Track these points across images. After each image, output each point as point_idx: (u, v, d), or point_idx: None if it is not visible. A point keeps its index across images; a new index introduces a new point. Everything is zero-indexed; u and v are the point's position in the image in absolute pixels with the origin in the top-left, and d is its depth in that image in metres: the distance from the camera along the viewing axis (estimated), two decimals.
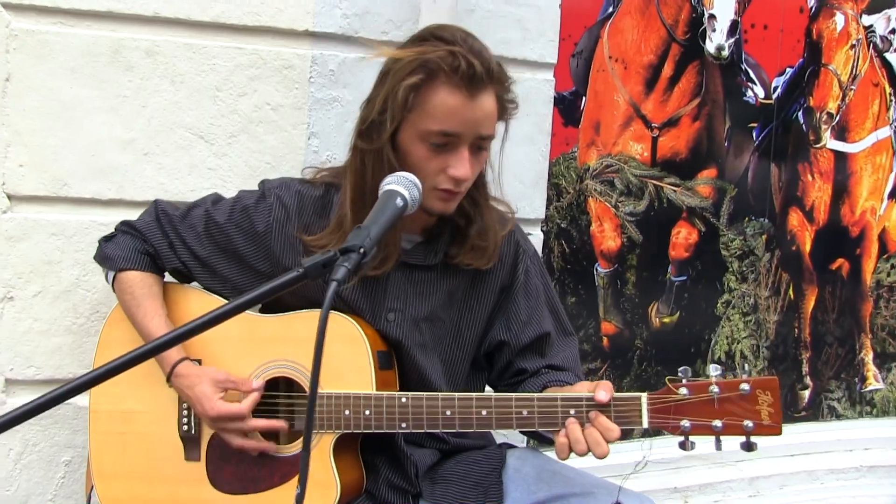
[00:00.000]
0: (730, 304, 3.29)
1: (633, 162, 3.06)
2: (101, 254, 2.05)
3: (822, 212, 3.42)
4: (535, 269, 2.07)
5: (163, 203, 2.06)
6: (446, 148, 1.77)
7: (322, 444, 1.85)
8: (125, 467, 1.98)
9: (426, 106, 1.75)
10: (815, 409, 3.52)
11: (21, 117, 2.22)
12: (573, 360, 2.07)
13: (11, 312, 2.26)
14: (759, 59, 3.21)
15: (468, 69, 1.71)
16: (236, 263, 1.98)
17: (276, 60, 2.37)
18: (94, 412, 2.01)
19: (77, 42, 2.24)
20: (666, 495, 3.08)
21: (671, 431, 1.73)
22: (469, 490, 1.95)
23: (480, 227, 1.92)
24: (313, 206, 1.95)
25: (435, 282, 1.96)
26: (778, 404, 1.72)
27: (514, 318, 2.01)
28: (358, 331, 1.86)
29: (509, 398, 1.78)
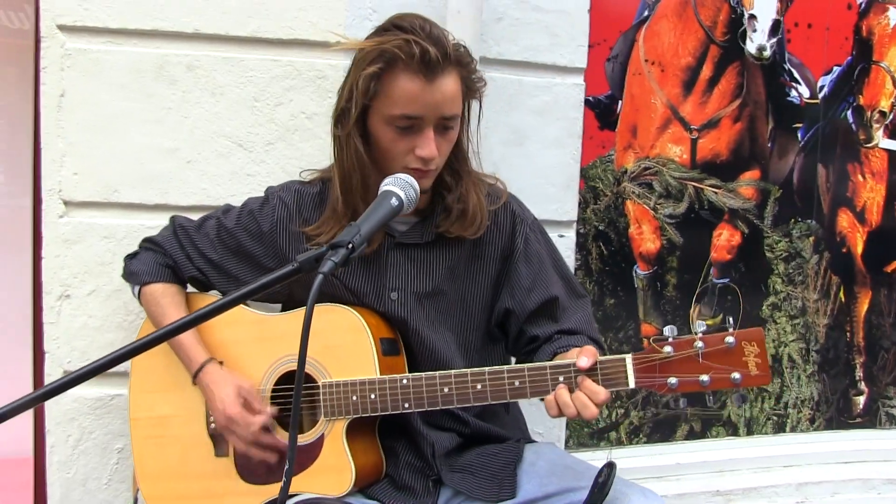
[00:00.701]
0: (776, 307, 3.24)
1: (672, 164, 3.04)
2: (127, 270, 2.21)
3: (874, 213, 3.31)
4: (535, 236, 2.14)
5: (179, 218, 2.23)
6: (412, 130, 1.89)
7: (335, 430, 1.95)
8: (164, 467, 2.12)
9: (388, 92, 1.87)
10: (871, 415, 3.40)
11: (75, 129, 2.39)
12: (586, 322, 2.13)
13: (68, 309, 2.43)
14: (803, 59, 3.15)
15: (423, 55, 1.82)
16: (248, 263, 2.11)
17: (310, 71, 2.48)
18: (133, 420, 2.17)
19: (125, 59, 2.40)
20: (707, 498, 3.03)
21: (658, 390, 1.75)
22: (485, 481, 2.02)
23: (460, 193, 2.02)
24: (311, 202, 2.10)
25: (434, 258, 2.06)
26: (765, 354, 1.72)
27: (517, 286, 2.09)
28: (360, 320, 1.96)
29: (501, 371, 1.86)
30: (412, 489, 2.01)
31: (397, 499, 1.99)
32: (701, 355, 1.71)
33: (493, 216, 2.09)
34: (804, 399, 3.31)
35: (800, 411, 3.31)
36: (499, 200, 2.10)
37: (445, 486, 2.03)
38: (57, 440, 2.46)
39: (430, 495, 2.00)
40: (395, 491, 2.01)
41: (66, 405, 2.45)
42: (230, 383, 2.01)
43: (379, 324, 2.02)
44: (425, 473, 2.03)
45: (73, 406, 2.45)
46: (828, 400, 3.35)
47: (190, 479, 2.09)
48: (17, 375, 2.74)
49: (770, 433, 3.27)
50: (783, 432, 3.29)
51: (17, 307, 2.82)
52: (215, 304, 1.49)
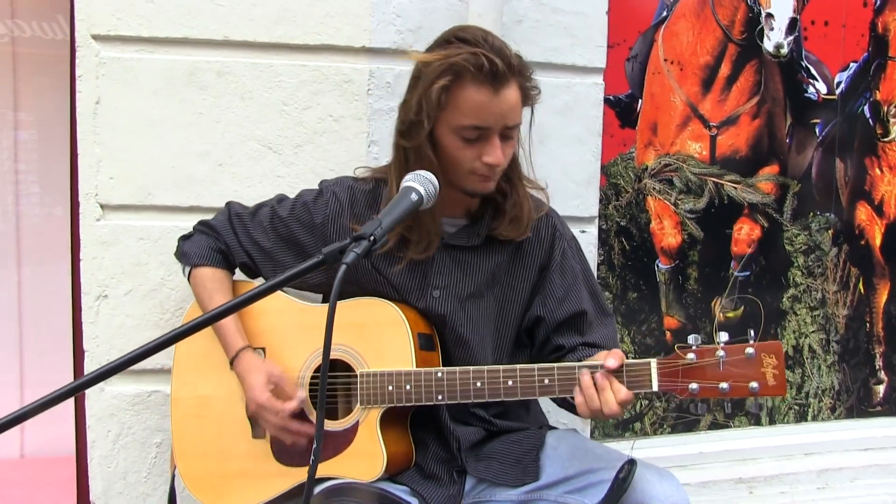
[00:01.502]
0: (796, 299, 3.28)
1: (692, 160, 3.09)
2: (180, 250, 2.27)
3: (892, 206, 3.35)
4: (572, 252, 2.21)
5: (234, 204, 2.29)
6: (478, 139, 1.96)
7: (370, 418, 2.02)
8: (202, 447, 2.18)
9: (456, 104, 1.93)
10: (890, 404, 3.44)
11: (110, 135, 2.47)
12: (610, 338, 2.19)
13: (106, 309, 2.51)
14: (820, 56, 3.19)
15: (491, 67, 1.89)
16: (297, 253, 2.18)
17: (337, 75, 2.54)
18: (175, 399, 2.23)
19: (157, 66, 2.47)
20: (730, 486, 3.09)
21: (680, 394, 1.82)
22: (510, 467, 2.09)
23: (515, 200, 2.10)
24: (364, 199, 2.16)
25: (478, 261, 2.13)
26: (782, 367, 1.77)
27: (550, 296, 2.16)
28: (399, 314, 2.04)
29: (532, 368, 1.93)
30: (438, 478, 2.08)
31: (424, 486, 2.06)
32: (722, 364, 1.78)
33: (534, 227, 2.15)
34: (825, 388, 3.36)
35: (821, 400, 3.36)
36: (541, 210, 2.18)
37: (469, 475, 2.11)
38: (98, 436, 2.54)
39: (456, 484, 2.08)
40: (422, 479, 2.07)
41: (106, 402, 2.53)
42: (261, 370, 2.07)
43: (417, 319, 2.09)
44: (451, 464, 2.10)
45: (112, 402, 2.53)
46: (848, 389, 3.39)
47: (226, 458, 2.15)
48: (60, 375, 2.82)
49: (792, 422, 3.32)
50: (805, 421, 3.34)
51: (56, 309, 2.90)
52: (250, 292, 1.55)
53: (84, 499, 2.61)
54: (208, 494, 2.16)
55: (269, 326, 2.16)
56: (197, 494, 2.17)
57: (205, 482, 2.17)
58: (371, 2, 2.53)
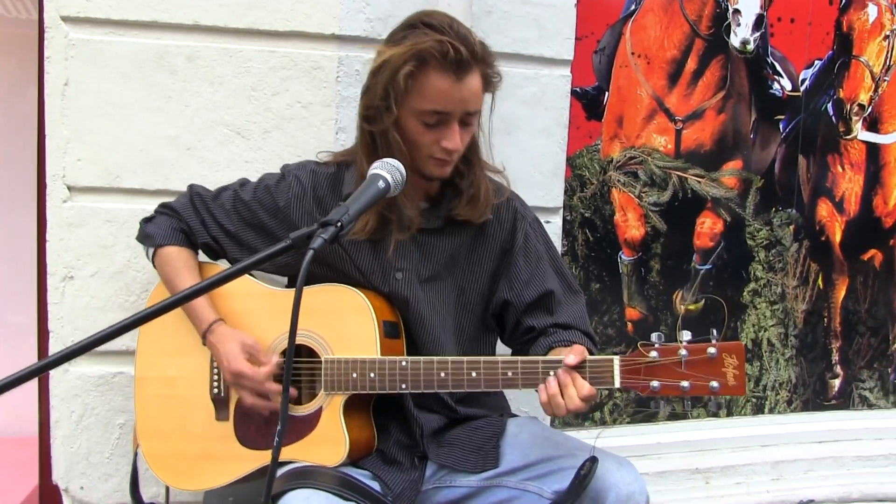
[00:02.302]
0: (756, 293, 3.34)
1: (657, 154, 3.13)
2: (143, 233, 2.27)
3: (852, 203, 3.41)
4: (535, 233, 2.25)
5: (196, 187, 2.30)
6: (438, 124, 2.00)
7: (333, 404, 2.04)
8: (166, 427, 2.20)
9: (420, 89, 1.97)
10: (845, 398, 3.51)
11: (78, 117, 2.47)
12: (580, 316, 2.23)
13: (72, 290, 2.51)
14: (785, 52, 3.23)
15: (455, 55, 1.93)
16: (261, 235, 2.19)
17: (306, 62, 2.55)
18: (139, 379, 2.24)
19: (126, 49, 2.47)
20: (687, 476, 3.14)
21: (641, 391, 1.86)
22: (470, 453, 2.12)
23: (472, 180, 2.13)
24: (327, 182, 2.18)
25: (437, 243, 2.17)
26: (743, 367, 1.81)
27: (516, 279, 2.20)
28: (365, 302, 2.06)
29: (496, 361, 1.96)
30: (400, 463, 2.11)
31: (386, 471, 2.08)
32: (684, 363, 1.82)
33: (496, 211, 2.19)
34: (782, 382, 3.42)
35: (778, 393, 3.42)
36: (502, 195, 2.21)
37: (431, 461, 2.13)
38: (61, 416, 2.55)
39: (417, 469, 2.10)
40: (384, 464, 2.10)
41: (70, 382, 2.54)
42: (234, 339, 2.09)
43: (383, 306, 2.11)
44: (413, 450, 2.13)
45: (76, 383, 2.55)
46: (805, 382, 3.46)
47: (190, 439, 2.17)
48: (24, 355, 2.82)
49: (749, 414, 3.38)
50: (761, 413, 3.41)
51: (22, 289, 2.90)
52: (220, 274, 1.57)
53: (46, 479, 2.62)
54: (171, 474, 2.18)
55: (235, 309, 2.17)
56: (159, 473, 2.19)
57: (168, 462, 2.19)
58: None
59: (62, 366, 2.46)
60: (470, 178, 2.13)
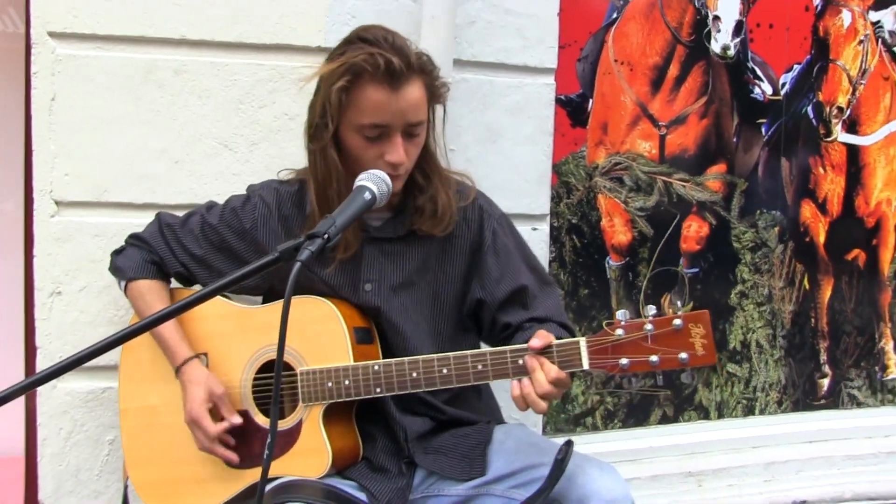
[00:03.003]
0: (744, 295, 3.36)
1: (642, 159, 3.16)
2: (114, 266, 2.30)
3: (835, 203, 3.44)
4: (503, 229, 2.25)
5: (164, 215, 2.31)
6: (380, 138, 2.00)
7: (313, 415, 2.05)
8: (153, 454, 2.21)
9: (356, 103, 1.97)
10: (834, 397, 3.53)
11: (66, 132, 2.47)
12: (555, 308, 2.24)
13: (60, 305, 2.51)
14: (765, 57, 3.27)
15: (387, 66, 1.92)
16: (230, 258, 2.21)
17: (292, 74, 2.56)
18: (123, 410, 2.26)
19: (113, 64, 2.48)
20: (680, 479, 3.15)
21: (611, 370, 1.85)
22: (457, 461, 2.12)
23: (431, 195, 2.13)
24: (290, 200, 2.20)
25: (406, 251, 2.17)
26: (710, 335, 1.80)
27: (487, 277, 2.20)
28: (333, 310, 2.06)
29: (465, 355, 1.96)
30: (387, 471, 2.10)
31: (374, 479, 2.08)
32: (650, 338, 1.81)
33: (462, 212, 2.19)
34: (772, 383, 3.44)
35: (768, 394, 3.44)
36: (468, 198, 2.20)
37: (420, 467, 2.13)
38: (49, 433, 2.53)
39: (405, 476, 2.10)
40: (371, 472, 2.10)
41: (58, 399, 2.53)
42: (202, 386, 2.10)
43: (353, 313, 2.11)
44: (399, 456, 2.13)
45: (65, 399, 2.53)
46: (794, 383, 3.48)
47: (177, 464, 2.17)
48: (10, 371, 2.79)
49: (739, 416, 3.40)
50: (752, 415, 3.42)
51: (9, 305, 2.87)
52: (196, 294, 1.59)
53: (33, 499, 2.58)
54: (161, 501, 2.19)
55: (211, 331, 2.19)
56: (150, 502, 2.19)
57: (157, 490, 2.20)
58: (326, 3, 2.57)
59: (49, 382, 2.44)
60: (429, 193, 2.13)
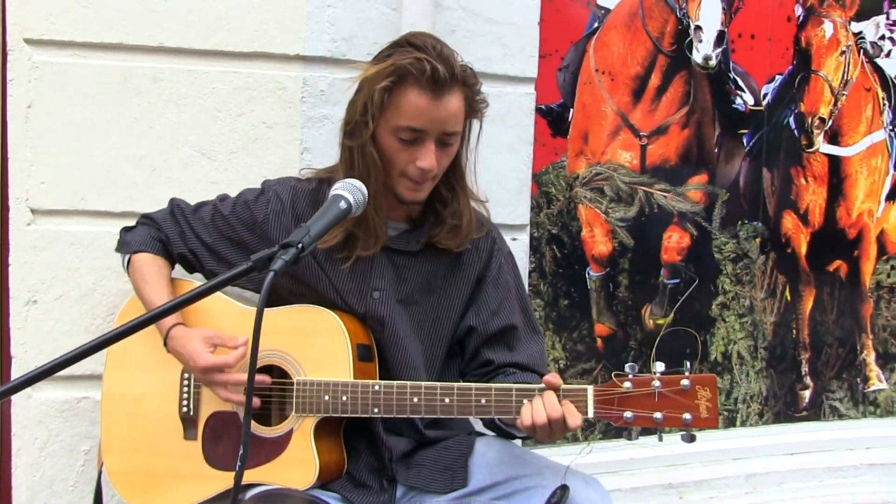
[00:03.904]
0: (725, 306, 3.36)
1: (623, 169, 3.16)
2: (121, 241, 2.29)
3: (817, 215, 3.45)
4: (508, 266, 2.26)
5: (178, 200, 2.31)
6: (415, 142, 2.00)
7: (304, 427, 2.03)
8: (131, 443, 2.17)
9: (397, 105, 1.98)
10: (816, 409, 3.53)
11: (42, 139, 2.46)
12: (539, 358, 2.23)
13: (36, 314, 2.49)
14: (747, 68, 3.28)
15: (433, 73, 1.93)
16: (239, 249, 2.19)
17: (271, 83, 2.56)
18: (106, 395, 2.22)
19: (90, 71, 2.47)
20: (661, 491, 3.15)
21: (614, 422, 1.87)
22: (439, 473, 2.11)
23: (455, 209, 2.13)
24: (306, 199, 2.18)
25: (414, 267, 2.17)
26: (715, 399, 1.85)
27: (484, 307, 2.20)
28: (339, 324, 2.05)
29: (470, 388, 1.95)
30: (369, 486, 2.10)
31: (355, 494, 2.07)
32: (657, 394, 1.84)
33: (475, 242, 2.20)
34: (753, 394, 3.44)
35: (749, 406, 3.44)
36: (482, 228, 2.21)
37: (400, 483, 2.12)
38: (24, 443, 2.51)
39: (386, 491, 2.09)
40: (353, 487, 2.09)
41: (33, 408, 2.50)
42: (196, 336, 2.06)
43: (357, 329, 2.10)
44: (382, 473, 2.12)
45: (40, 409, 2.51)
46: (775, 395, 3.48)
47: (157, 456, 2.15)
48: None
49: (721, 428, 3.39)
50: (733, 427, 3.42)
51: None
52: (186, 294, 1.58)
53: None
54: (135, 492, 2.15)
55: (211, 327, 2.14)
56: (122, 492, 2.16)
57: (132, 479, 2.16)
58: (305, 11, 2.56)
59: (25, 391, 2.43)
60: (453, 207, 2.13)
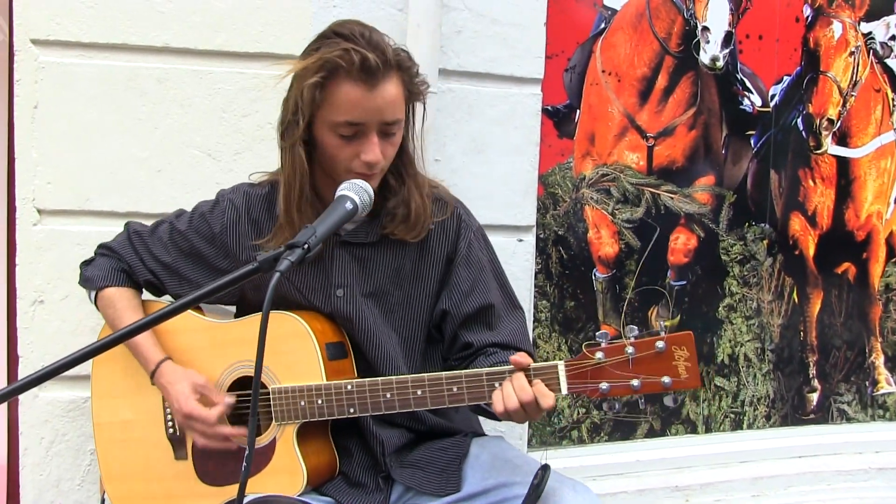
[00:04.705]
0: (732, 308, 3.35)
1: (629, 171, 3.15)
2: (83, 276, 2.24)
3: (825, 216, 3.43)
4: (479, 243, 2.19)
5: (133, 224, 2.25)
6: (356, 136, 1.93)
7: (286, 434, 2.01)
8: (127, 469, 2.18)
9: (331, 100, 1.90)
10: (824, 411, 3.52)
11: (48, 140, 2.46)
12: (520, 334, 2.17)
13: (42, 314, 2.50)
14: (754, 69, 3.27)
15: (363, 63, 1.85)
16: (200, 265, 2.16)
17: (276, 83, 2.52)
18: (97, 425, 2.22)
19: (96, 72, 2.47)
20: (667, 494, 3.13)
21: (590, 395, 1.79)
22: (434, 476, 2.07)
23: (403, 198, 2.06)
24: (260, 203, 2.13)
25: (379, 257, 2.11)
26: (694, 358, 1.73)
27: (456, 288, 2.14)
28: (304, 326, 2.01)
29: (440, 377, 1.91)
30: (364, 486, 2.07)
31: (350, 495, 2.05)
32: (632, 361, 1.74)
33: (441, 222, 2.13)
34: (760, 397, 3.42)
35: (756, 409, 3.42)
36: (446, 208, 2.15)
37: (397, 482, 2.09)
38: (30, 443, 2.52)
39: (382, 491, 2.06)
40: (348, 488, 2.06)
41: (40, 408, 2.52)
42: (184, 380, 2.04)
43: (325, 329, 2.07)
44: (376, 470, 2.09)
45: (46, 409, 2.52)
46: (783, 397, 3.46)
47: (152, 480, 2.15)
48: None
49: (728, 430, 3.38)
50: (740, 429, 3.40)
51: None
52: (172, 305, 1.56)
53: None
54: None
55: (181, 345, 2.14)
56: None
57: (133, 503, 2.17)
58: (311, 11, 2.56)
59: (32, 391, 2.43)
60: (401, 196, 2.06)
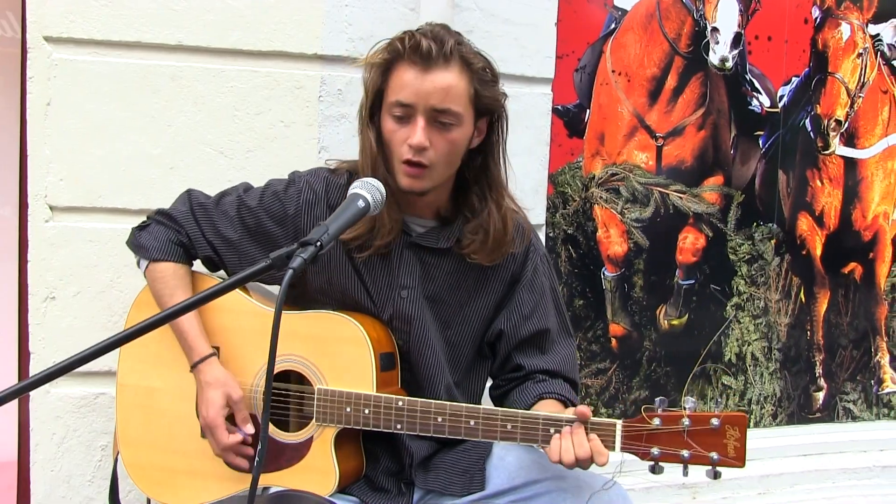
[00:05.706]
0: (740, 307, 3.36)
1: (639, 170, 3.16)
2: (136, 242, 2.16)
3: (832, 217, 3.45)
4: (544, 268, 2.20)
5: (195, 192, 2.20)
6: (406, 120, 1.95)
7: (325, 436, 2.00)
8: (148, 437, 2.14)
9: (390, 82, 1.96)
10: (829, 410, 3.54)
11: (61, 137, 2.46)
12: (570, 363, 2.19)
13: (54, 311, 2.50)
14: (763, 70, 3.28)
15: (418, 46, 1.91)
16: (264, 244, 2.09)
17: (289, 81, 2.56)
18: (121, 385, 2.17)
19: (109, 69, 2.47)
20: (674, 491, 3.14)
21: (641, 457, 1.83)
22: (457, 476, 2.08)
23: (481, 221, 2.06)
24: (338, 192, 2.10)
25: (442, 265, 2.11)
26: (744, 439, 1.81)
27: (516, 311, 2.15)
28: (362, 334, 2.00)
29: (496, 413, 1.92)
30: (387, 490, 2.08)
31: (373, 497, 2.06)
32: (686, 432, 1.80)
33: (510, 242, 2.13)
34: (767, 395, 3.43)
35: (763, 407, 3.43)
36: (524, 237, 2.16)
37: (417, 486, 2.10)
38: (41, 438, 2.52)
39: (404, 496, 2.08)
40: (371, 491, 2.07)
41: (51, 404, 2.52)
42: (220, 390, 2.03)
43: (380, 338, 2.06)
44: (400, 477, 2.10)
45: (57, 405, 2.52)
46: (789, 396, 3.48)
47: (174, 453, 2.12)
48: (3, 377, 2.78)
49: None
50: (747, 428, 3.40)
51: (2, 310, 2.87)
52: (205, 292, 1.56)
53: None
54: (152, 486, 2.14)
55: (226, 325, 2.11)
56: (140, 484, 2.14)
57: (149, 474, 2.14)
58: (323, 10, 2.56)
59: (43, 387, 2.42)
60: (480, 219, 2.06)
